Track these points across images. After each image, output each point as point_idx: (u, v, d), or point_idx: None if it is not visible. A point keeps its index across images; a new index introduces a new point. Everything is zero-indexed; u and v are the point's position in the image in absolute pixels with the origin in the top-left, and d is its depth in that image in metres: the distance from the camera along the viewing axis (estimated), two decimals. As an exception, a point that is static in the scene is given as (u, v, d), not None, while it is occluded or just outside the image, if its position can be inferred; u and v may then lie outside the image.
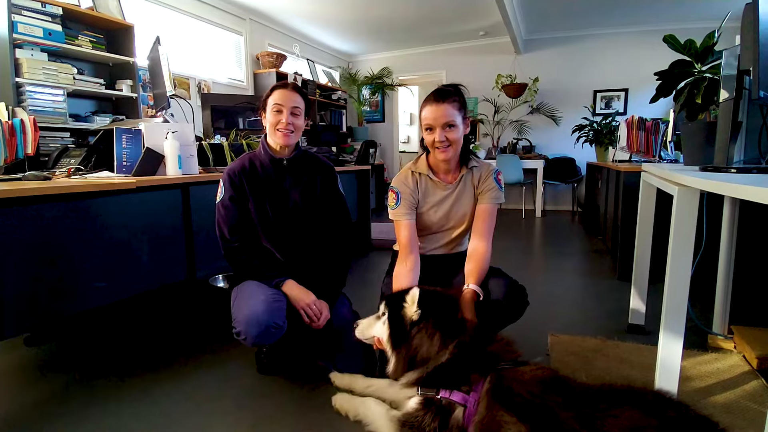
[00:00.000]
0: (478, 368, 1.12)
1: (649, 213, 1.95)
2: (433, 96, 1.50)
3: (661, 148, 3.13)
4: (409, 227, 1.58)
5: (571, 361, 1.71)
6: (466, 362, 1.13)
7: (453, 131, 1.48)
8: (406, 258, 1.54)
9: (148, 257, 1.77)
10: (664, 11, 5.20)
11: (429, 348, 1.18)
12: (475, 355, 1.15)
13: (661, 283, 1.34)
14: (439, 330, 1.19)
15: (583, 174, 6.01)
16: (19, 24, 2.78)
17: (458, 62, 6.80)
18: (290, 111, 1.57)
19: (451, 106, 1.47)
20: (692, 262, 1.24)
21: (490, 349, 1.16)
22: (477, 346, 1.16)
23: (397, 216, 1.59)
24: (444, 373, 1.14)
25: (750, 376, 1.58)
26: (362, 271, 3.15)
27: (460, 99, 1.51)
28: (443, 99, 1.47)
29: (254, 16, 5.35)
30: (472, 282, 1.44)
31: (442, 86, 1.54)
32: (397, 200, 1.59)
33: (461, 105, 1.50)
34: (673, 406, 0.93)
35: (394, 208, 1.59)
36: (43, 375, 1.69)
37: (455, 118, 1.48)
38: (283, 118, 1.56)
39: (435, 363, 1.16)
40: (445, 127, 1.47)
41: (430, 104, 1.49)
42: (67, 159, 2.06)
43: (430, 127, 1.50)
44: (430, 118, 1.49)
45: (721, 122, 1.36)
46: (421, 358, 1.18)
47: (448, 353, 1.16)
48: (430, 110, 1.48)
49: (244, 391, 1.55)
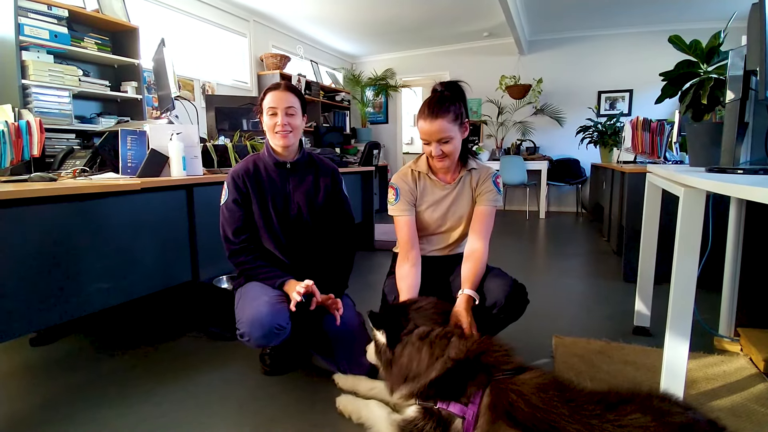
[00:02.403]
0: (475, 379, 1.10)
1: (655, 214, 1.94)
2: (427, 109, 1.46)
3: (666, 149, 3.11)
4: (408, 223, 1.58)
5: (576, 364, 1.70)
6: (461, 375, 1.12)
7: (448, 144, 1.47)
8: (407, 254, 1.54)
9: (152, 258, 1.78)
10: (669, 11, 5.17)
11: (418, 364, 1.17)
12: (469, 367, 1.12)
13: (666, 284, 1.33)
14: (427, 345, 1.19)
15: (587, 175, 5.99)
16: (25, 26, 2.80)
17: (462, 63, 6.79)
18: (285, 112, 1.57)
19: (445, 120, 1.44)
20: (698, 263, 1.23)
21: (485, 360, 1.13)
22: (472, 358, 1.14)
23: (396, 211, 1.59)
24: (439, 386, 1.12)
25: (757, 378, 1.57)
26: (365, 273, 3.15)
27: (456, 107, 1.47)
28: (437, 115, 1.44)
29: (258, 18, 5.37)
30: (468, 286, 1.43)
31: (440, 88, 1.50)
32: (396, 196, 1.60)
33: (457, 115, 1.47)
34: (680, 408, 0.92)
35: (394, 204, 1.60)
36: (48, 376, 1.70)
37: (450, 132, 1.46)
38: (278, 120, 1.56)
39: (426, 379, 1.15)
40: (441, 141, 1.47)
41: (424, 119, 1.47)
42: (72, 160, 2.07)
43: (426, 141, 1.50)
44: (425, 133, 1.48)
45: (727, 123, 1.35)
46: (413, 374, 1.18)
47: (440, 367, 1.14)
48: (425, 125, 1.47)
49: (247, 392, 1.56)
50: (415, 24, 5.78)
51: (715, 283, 1.92)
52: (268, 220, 1.62)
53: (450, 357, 1.15)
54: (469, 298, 1.40)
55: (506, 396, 1.01)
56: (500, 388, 1.04)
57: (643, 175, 2.08)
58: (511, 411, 0.99)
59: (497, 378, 1.07)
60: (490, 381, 1.08)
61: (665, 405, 0.93)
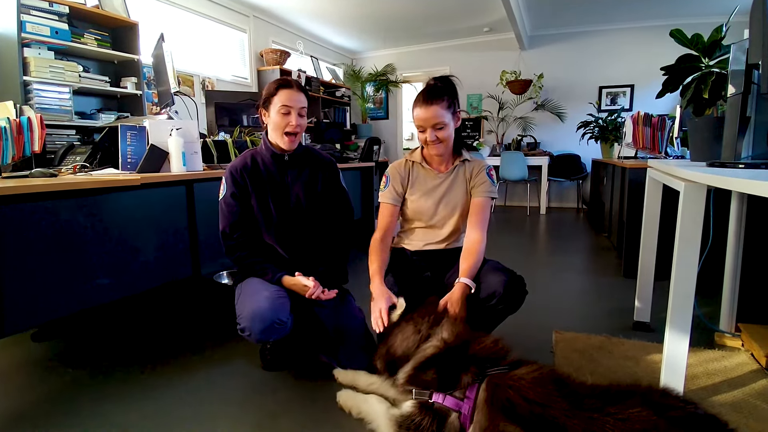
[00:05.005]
0: (467, 370, 1.10)
1: (655, 209, 1.94)
2: (422, 96, 1.54)
3: (667, 144, 3.10)
4: (389, 211, 1.65)
5: (576, 359, 1.70)
6: (451, 362, 1.13)
7: (443, 130, 1.54)
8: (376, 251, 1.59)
9: (153, 254, 1.78)
10: (670, 6, 5.14)
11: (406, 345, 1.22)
12: (459, 354, 1.14)
13: (666, 280, 1.33)
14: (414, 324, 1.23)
15: (588, 171, 5.98)
16: (27, 23, 2.81)
17: (462, 58, 6.77)
18: (298, 112, 1.56)
19: (439, 107, 1.51)
20: (699, 258, 1.23)
21: (475, 351, 1.14)
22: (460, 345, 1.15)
23: (382, 198, 1.67)
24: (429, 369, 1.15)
25: (758, 374, 1.57)
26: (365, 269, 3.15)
27: (449, 96, 1.54)
28: (431, 101, 1.51)
29: (258, 14, 5.35)
30: (465, 275, 1.44)
31: (433, 81, 1.56)
32: (386, 183, 1.68)
33: (450, 103, 1.54)
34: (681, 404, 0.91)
35: (382, 191, 1.68)
36: (50, 371, 1.70)
37: (444, 118, 1.52)
38: (292, 120, 1.55)
39: (416, 361, 1.18)
40: (435, 127, 1.53)
41: (419, 106, 1.54)
42: (72, 156, 2.07)
43: (421, 127, 1.55)
44: (420, 120, 1.54)
45: (729, 117, 1.35)
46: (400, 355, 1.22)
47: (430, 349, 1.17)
48: (420, 112, 1.53)
49: (248, 386, 1.56)
50: (415, 19, 5.75)
51: (716, 279, 1.92)
52: (268, 214, 1.62)
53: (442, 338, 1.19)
54: (464, 286, 1.41)
55: (504, 391, 1.01)
56: (497, 383, 1.04)
57: (644, 170, 2.07)
58: (508, 406, 0.98)
59: (493, 372, 1.07)
60: (485, 375, 1.07)
61: (666, 400, 0.93)
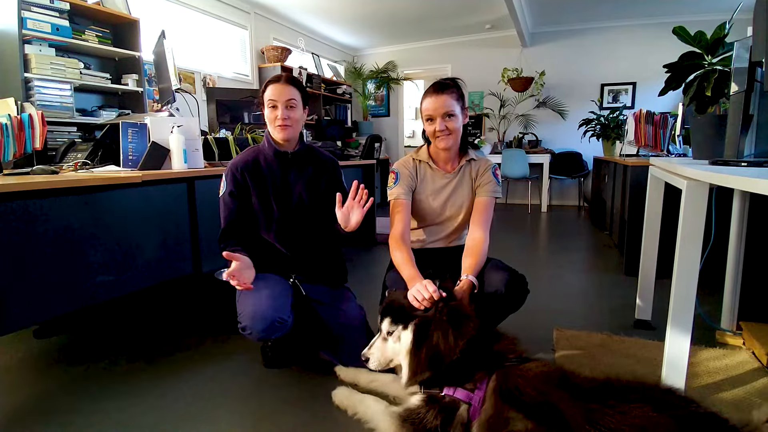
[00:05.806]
0: (485, 366, 1.11)
1: (657, 207, 1.93)
2: (432, 88, 1.55)
3: (669, 142, 3.10)
4: (404, 206, 1.59)
5: (577, 356, 1.70)
6: (473, 359, 1.12)
7: (452, 120, 1.53)
8: (402, 245, 1.50)
9: (154, 251, 1.78)
10: (673, 3, 5.12)
11: (446, 345, 1.14)
12: (481, 352, 1.13)
13: (668, 278, 1.32)
14: (452, 326, 1.16)
15: (589, 168, 5.96)
16: (28, 20, 2.80)
17: (464, 56, 6.75)
18: (285, 105, 1.56)
19: (450, 96, 1.52)
20: (700, 257, 1.23)
21: (496, 347, 1.14)
22: (484, 344, 1.15)
23: (395, 194, 1.61)
24: (451, 371, 1.12)
25: (759, 372, 1.57)
26: (366, 266, 3.16)
27: (458, 90, 1.55)
28: (442, 90, 1.52)
29: (259, 10, 5.34)
30: (469, 273, 1.43)
31: (440, 79, 1.58)
32: (396, 179, 1.64)
33: (459, 96, 1.55)
34: (682, 402, 0.92)
35: (392, 187, 1.63)
36: (52, 367, 1.71)
37: (454, 108, 1.53)
38: (278, 113, 1.56)
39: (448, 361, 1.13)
40: (445, 116, 1.52)
41: (430, 95, 1.54)
42: (74, 153, 2.07)
43: (431, 118, 1.55)
44: (430, 109, 1.54)
45: (732, 115, 1.34)
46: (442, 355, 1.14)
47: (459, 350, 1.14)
48: (430, 101, 1.53)
49: (249, 384, 1.57)
50: (417, 16, 5.74)
51: (718, 277, 1.91)
52: (269, 211, 1.62)
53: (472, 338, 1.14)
54: (470, 283, 1.41)
55: (512, 380, 1.03)
56: (506, 373, 1.06)
57: (646, 168, 2.07)
58: (515, 394, 1.00)
59: (505, 364, 1.09)
60: (498, 367, 1.09)
61: (667, 397, 0.93)
